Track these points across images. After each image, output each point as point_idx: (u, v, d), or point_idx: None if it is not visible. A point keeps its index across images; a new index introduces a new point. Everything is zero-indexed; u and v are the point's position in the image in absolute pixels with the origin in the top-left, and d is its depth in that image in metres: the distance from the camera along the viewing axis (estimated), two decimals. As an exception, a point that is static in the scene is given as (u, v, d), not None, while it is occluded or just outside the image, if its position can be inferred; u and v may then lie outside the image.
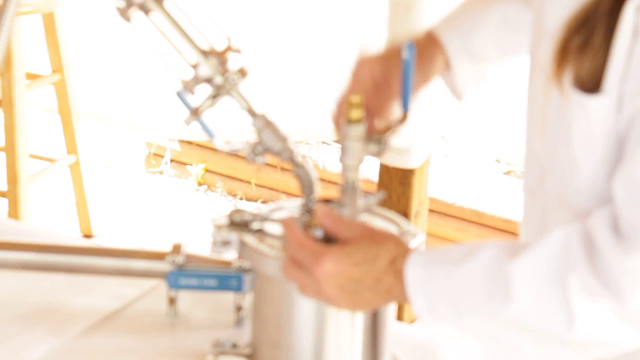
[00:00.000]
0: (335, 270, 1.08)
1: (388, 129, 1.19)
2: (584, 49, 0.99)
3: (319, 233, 1.16)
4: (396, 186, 2.66)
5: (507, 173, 3.82)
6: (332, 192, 1.21)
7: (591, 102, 1.02)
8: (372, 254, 1.08)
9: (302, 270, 1.10)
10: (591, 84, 1.01)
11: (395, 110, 1.22)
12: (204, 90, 1.22)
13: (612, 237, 0.97)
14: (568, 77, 1.02)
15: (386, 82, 1.26)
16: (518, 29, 1.29)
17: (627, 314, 0.96)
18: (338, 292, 1.09)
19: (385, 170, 2.66)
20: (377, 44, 1.32)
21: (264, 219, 1.24)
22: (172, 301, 1.37)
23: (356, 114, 1.16)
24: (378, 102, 1.27)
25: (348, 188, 1.18)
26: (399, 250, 1.08)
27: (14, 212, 3.17)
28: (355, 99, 1.16)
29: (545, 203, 1.16)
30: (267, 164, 3.82)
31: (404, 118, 1.20)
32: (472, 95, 1.34)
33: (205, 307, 1.40)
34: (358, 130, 1.16)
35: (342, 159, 1.17)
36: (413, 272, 1.06)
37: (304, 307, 1.18)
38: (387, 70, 1.27)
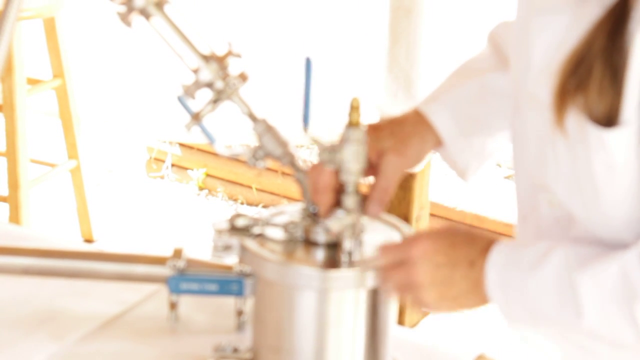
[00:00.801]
0: (432, 247, 1.10)
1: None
2: (585, 88, 1.01)
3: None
4: (397, 190, 2.67)
5: (508, 177, 3.83)
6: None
7: (611, 135, 1.03)
8: (469, 237, 1.11)
9: (396, 269, 1.12)
10: (606, 119, 1.02)
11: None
12: (205, 95, 1.22)
13: None
14: (577, 115, 1.03)
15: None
16: (500, 95, 1.30)
17: None
18: (431, 277, 1.10)
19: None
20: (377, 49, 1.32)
21: (265, 223, 1.24)
22: (173, 306, 1.37)
23: (356, 116, 1.17)
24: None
25: (349, 192, 1.18)
26: (486, 242, 1.10)
27: (15, 217, 3.17)
28: (355, 101, 1.16)
29: (539, 226, 1.18)
30: (268, 169, 3.82)
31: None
32: (476, 172, 1.34)
33: (206, 311, 1.40)
34: (358, 133, 1.17)
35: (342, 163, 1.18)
36: (492, 271, 1.08)
37: (305, 312, 1.18)
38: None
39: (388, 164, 1.24)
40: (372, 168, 1.25)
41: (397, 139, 1.26)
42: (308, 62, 1.16)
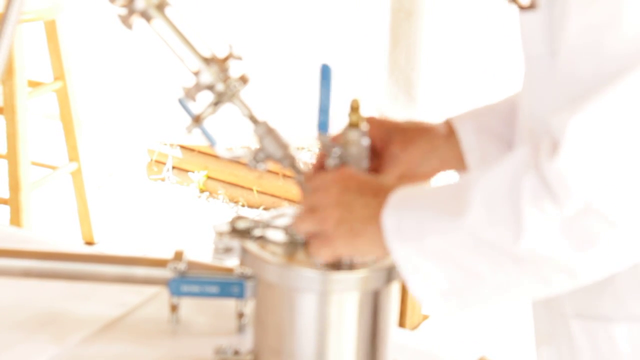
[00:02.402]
0: (345, 174, 1.13)
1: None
2: None
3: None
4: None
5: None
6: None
7: (523, 17, 1.07)
8: (380, 181, 1.13)
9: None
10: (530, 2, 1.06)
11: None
12: (206, 97, 1.23)
13: (549, 146, 0.99)
14: None
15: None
16: None
17: (564, 221, 0.98)
18: (335, 199, 1.11)
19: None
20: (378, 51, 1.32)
21: (266, 225, 1.24)
22: (174, 308, 1.37)
23: (356, 117, 1.17)
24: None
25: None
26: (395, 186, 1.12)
27: (15, 220, 3.17)
28: (355, 102, 1.17)
29: None
30: (269, 171, 3.82)
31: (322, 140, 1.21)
32: None
33: (207, 314, 1.40)
34: (358, 134, 1.17)
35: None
36: (396, 195, 1.09)
37: (306, 314, 1.18)
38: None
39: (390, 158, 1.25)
40: (376, 160, 1.25)
41: (407, 136, 1.26)
42: (326, 69, 1.16)
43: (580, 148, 0.96)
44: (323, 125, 1.19)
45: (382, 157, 1.26)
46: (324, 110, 1.18)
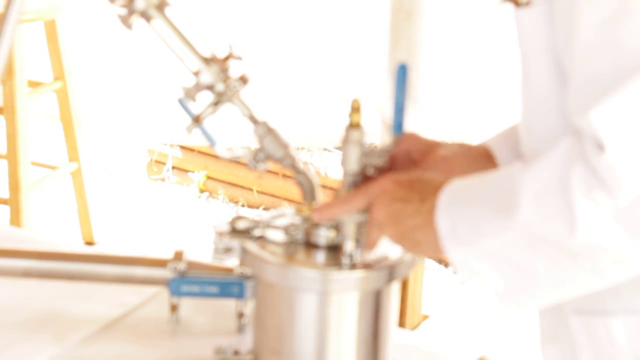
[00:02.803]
0: (390, 185, 1.12)
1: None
2: None
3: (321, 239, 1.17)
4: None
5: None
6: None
7: (519, 13, 1.06)
8: (425, 179, 1.13)
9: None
10: None
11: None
12: (206, 97, 1.23)
13: (592, 142, 0.99)
14: None
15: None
16: None
17: (618, 211, 0.97)
18: (386, 212, 1.11)
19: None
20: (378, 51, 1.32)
21: (266, 225, 1.24)
22: (174, 308, 1.37)
23: (356, 118, 1.17)
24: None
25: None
26: (440, 183, 1.11)
27: (15, 220, 3.17)
28: (356, 102, 1.16)
29: None
30: (269, 171, 3.81)
31: (395, 141, 1.20)
32: None
33: (207, 314, 1.40)
34: (358, 135, 1.17)
35: (342, 164, 1.18)
36: (444, 196, 1.09)
37: (306, 314, 1.18)
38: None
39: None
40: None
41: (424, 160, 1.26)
42: (402, 69, 1.16)
43: (627, 142, 0.95)
44: (398, 126, 1.19)
45: (420, 165, 1.25)
46: (398, 110, 1.18)
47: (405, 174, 1.15)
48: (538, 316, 1.21)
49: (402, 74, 1.17)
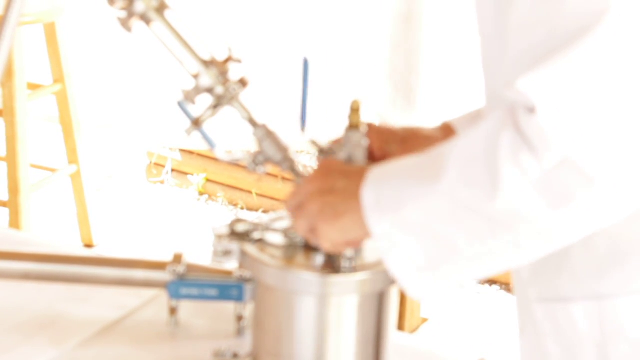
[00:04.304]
0: (329, 161, 1.15)
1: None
2: None
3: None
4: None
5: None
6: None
7: None
8: (345, 168, 1.15)
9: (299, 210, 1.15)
10: None
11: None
12: (205, 100, 1.23)
13: (524, 107, 0.99)
14: None
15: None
16: None
17: (540, 176, 0.98)
18: (317, 187, 1.12)
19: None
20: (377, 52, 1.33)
21: (265, 228, 1.24)
22: (173, 311, 1.37)
23: (356, 119, 1.17)
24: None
25: None
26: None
27: (15, 222, 3.17)
28: (355, 103, 1.17)
29: None
30: (268, 174, 3.82)
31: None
32: None
33: (206, 317, 1.40)
34: (358, 136, 1.17)
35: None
36: (372, 173, 1.09)
37: (305, 317, 1.18)
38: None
39: None
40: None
41: (406, 145, 1.26)
42: (306, 63, 1.17)
43: (557, 103, 0.96)
44: (302, 120, 1.20)
45: (401, 152, 1.25)
46: (304, 104, 1.19)
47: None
48: (516, 307, 1.22)
49: (305, 68, 1.18)
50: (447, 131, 1.29)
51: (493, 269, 1.07)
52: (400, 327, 2.93)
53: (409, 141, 1.26)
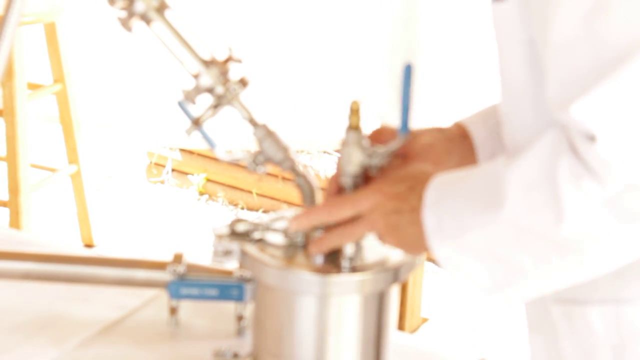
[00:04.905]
0: (381, 197, 1.12)
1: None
2: None
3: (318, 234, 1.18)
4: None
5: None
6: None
7: (496, 7, 1.08)
8: (411, 186, 1.12)
9: (352, 224, 1.14)
10: None
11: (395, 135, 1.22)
12: (205, 100, 1.23)
13: (581, 133, 0.98)
14: None
15: None
16: None
17: (607, 199, 0.97)
18: (384, 225, 1.11)
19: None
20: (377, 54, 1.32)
21: (265, 228, 1.24)
22: (173, 311, 1.37)
23: (355, 120, 1.17)
24: None
25: (346, 195, 1.18)
26: (425, 185, 1.11)
27: (15, 222, 3.17)
28: (355, 104, 1.17)
29: None
30: (269, 174, 3.82)
31: (400, 142, 1.20)
32: None
33: (206, 316, 1.40)
34: (357, 137, 1.17)
35: (342, 166, 1.18)
36: (430, 193, 1.09)
37: (305, 317, 1.18)
38: None
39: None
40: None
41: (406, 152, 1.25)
42: (408, 68, 1.16)
43: (617, 132, 0.95)
44: (404, 126, 1.18)
45: (405, 156, 1.25)
46: (405, 110, 1.17)
47: (385, 180, 1.15)
48: (524, 306, 1.22)
49: (407, 74, 1.17)
50: (461, 130, 1.28)
51: (560, 286, 1.07)
52: (401, 327, 2.93)
53: (424, 137, 1.25)
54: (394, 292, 1.22)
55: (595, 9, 0.97)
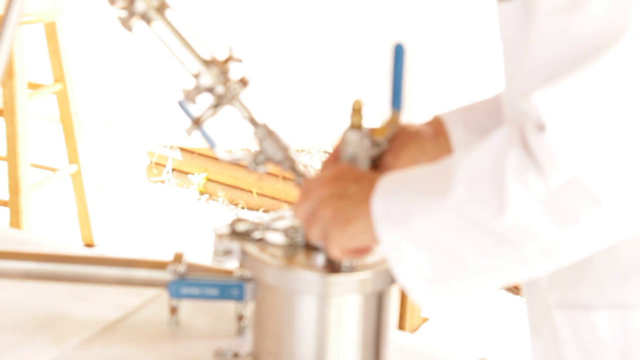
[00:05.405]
0: (343, 168, 1.15)
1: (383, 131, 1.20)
2: None
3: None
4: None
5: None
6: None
7: (501, 7, 1.09)
8: (358, 184, 1.13)
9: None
10: None
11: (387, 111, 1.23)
12: (206, 99, 1.23)
13: (533, 124, 0.99)
14: None
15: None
16: None
17: (547, 196, 0.98)
18: (329, 191, 1.12)
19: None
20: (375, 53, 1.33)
21: (266, 228, 1.24)
22: (173, 310, 1.37)
23: (357, 119, 1.17)
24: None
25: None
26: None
27: (15, 222, 3.17)
28: (357, 104, 1.17)
29: None
30: (269, 173, 3.82)
31: (395, 118, 1.20)
32: None
33: (206, 316, 1.40)
34: (358, 136, 1.17)
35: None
36: (382, 183, 1.09)
37: (306, 317, 1.18)
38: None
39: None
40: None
41: (394, 142, 1.26)
42: (399, 48, 1.17)
43: (567, 122, 0.96)
44: (397, 101, 1.19)
45: (376, 168, 1.25)
46: (397, 86, 1.18)
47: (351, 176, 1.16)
48: (526, 310, 1.22)
49: (399, 53, 1.17)
50: (437, 125, 1.29)
51: (501, 283, 1.07)
52: (401, 326, 2.93)
53: (397, 139, 1.26)
54: (394, 292, 1.23)
55: (571, 4, 0.98)
